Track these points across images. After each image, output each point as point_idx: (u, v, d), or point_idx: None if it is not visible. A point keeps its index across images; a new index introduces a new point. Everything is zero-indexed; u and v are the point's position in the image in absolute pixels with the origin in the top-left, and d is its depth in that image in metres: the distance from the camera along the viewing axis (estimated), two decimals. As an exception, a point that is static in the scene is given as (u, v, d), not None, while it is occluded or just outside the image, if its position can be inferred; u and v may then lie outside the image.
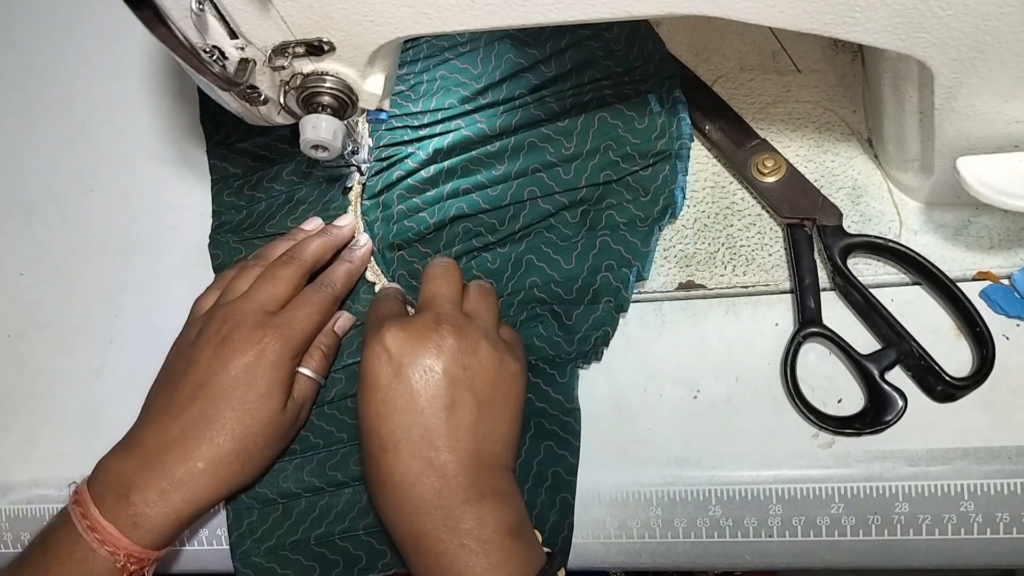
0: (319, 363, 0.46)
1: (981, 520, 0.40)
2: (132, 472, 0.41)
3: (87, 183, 0.57)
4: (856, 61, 0.49)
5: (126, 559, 0.39)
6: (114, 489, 0.40)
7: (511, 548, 0.37)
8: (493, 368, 0.40)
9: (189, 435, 0.41)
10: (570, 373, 0.44)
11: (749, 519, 0.42)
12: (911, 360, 0.42)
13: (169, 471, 0.40)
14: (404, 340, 0.39)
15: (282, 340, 0.42)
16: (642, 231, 0.45)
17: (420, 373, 0.39)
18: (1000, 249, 0.44)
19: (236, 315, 0.43)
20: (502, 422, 0.40)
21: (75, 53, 0.62)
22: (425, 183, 0.49)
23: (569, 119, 0.48)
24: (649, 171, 0.46)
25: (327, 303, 0.45)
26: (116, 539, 0.39)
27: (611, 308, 0.45)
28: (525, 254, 0.47)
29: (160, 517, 0.40)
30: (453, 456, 0.38)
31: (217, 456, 0.41)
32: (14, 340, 0.54)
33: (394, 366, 0.39)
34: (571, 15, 0.35)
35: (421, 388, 0.38)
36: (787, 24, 0.34)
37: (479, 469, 0.39)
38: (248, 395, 0.41)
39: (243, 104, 0.42)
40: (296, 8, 0.36)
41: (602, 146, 0.47)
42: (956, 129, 0.38)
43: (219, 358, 0.42)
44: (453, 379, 0.39)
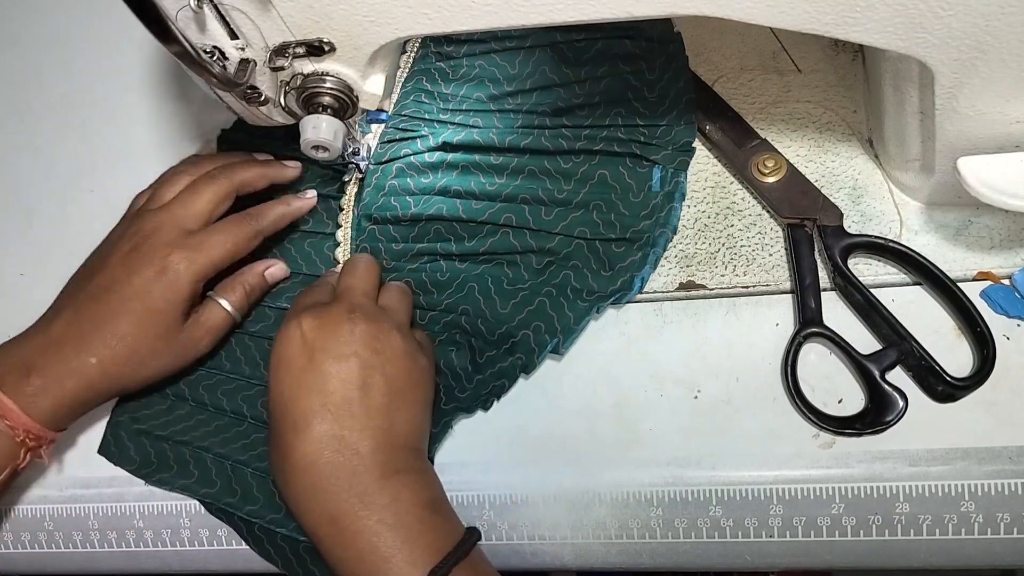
0: (239, 299, 0.46)
1: (982, 520, 0.40)
2: (34, 355, 0.43)
3: (87, 183, 0.57)
4: (857, 61, 0.49)
5: (25, 434, 0.42)
6: (16, 370, 0.42)
7: (429, 521, 0.38)
8: (405, 357, 0.41)
9: (87, 331, 0.43)
10: (442, 426, 0.45)
11: (750, 519, 0.42)
12: (912, 360, 0.42)
13: (66, 359, 0.42)
14: (318, 327, 0.40)
15: (187, 262, 0.43)
16: (583, 306, 0.45)
17: (333, 356, 0.39)
18: (1001, 249, 0.44)
19: (151, 225, 0.44)
20: (413, 404, 0.41)
21: (75, 53, 0.62)
22: (425, 166, 0.49)
23: (574, 163, 0.48)
24: (623, 248, 0.46)
25: (245, 235, 0.45)
26: (16, 415, 0.41)
27: (518, 365, 0.45)
28: (472, 280, 0.47)
29: (55, 400, 0.42)
30: (366, 435, 0.39)
31: (108, 356, 0.43)
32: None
33: (307, 351, 0.40)
34: (571, 15, 0.35)
35: (334, 371, 0.39)
36: (787, 24, 0.34)
37: (392, 448, 0.39)
38: (143, 307, 0.43)
39: (243, 104, 0.42)
40: (296, 8, 0.36)
41: (592, 203, 0.47)
42: (957, 129, 0.38)
43: (125, 265, 0.43)
44: (365, 363, 0.39)
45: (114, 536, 0.48)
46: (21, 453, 0.42)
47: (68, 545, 0.48)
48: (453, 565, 0.37)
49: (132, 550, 0.48)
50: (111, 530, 0.48)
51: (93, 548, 0.48)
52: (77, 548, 0.48)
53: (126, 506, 0.48)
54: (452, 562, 0.37)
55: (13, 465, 0.42)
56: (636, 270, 0.45)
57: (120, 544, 0.48)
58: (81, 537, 0.48)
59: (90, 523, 0.48)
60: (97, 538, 0.48)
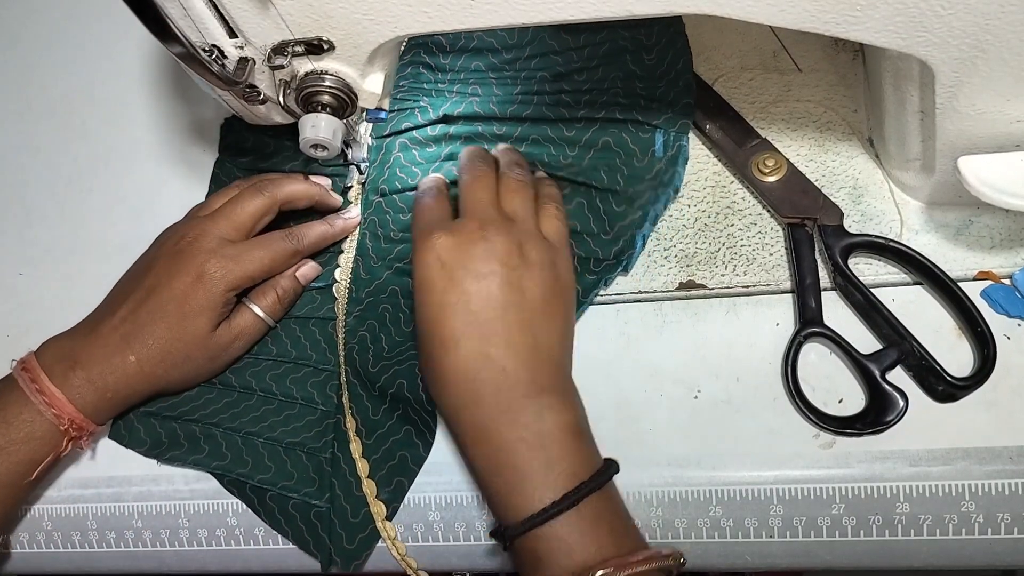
0: (271, 304, 0.47)
1: (982, 520, 0.40)
2: (79, 350, 0.44)
3: (87, 183, 0.57)
4: (857, 60, 0.49)
5: (69, 423, 0.44)
6: (63, 361, 0.44)
7: (570, 446, 0.38)
8: (540, 268, 0.41)
9: (129, 330, 0.44)
10: None
11: (750, 519, 0.42)
12: (912, 360, 0.42)
13: (109, 355, 0.44)
14: (455, 246, 0.40)
15: (223, 271, 0.44)
16: (590, 280, 0.46)
17: (473, 276, 0.40)
18: (1001, 249, 0.44)
19: (195, 232, 0.46)
20: (555, 317, 0.41)
21: (75, 53, 0.62)
22: (428, 140, 0.50)
23: (576, 130, 0.48)
24: (622, 208, 0.46)
25: (285, 253, 0.47)
26: (62, 404, 0.43)
27: None
28: None
29: (98, 393, 0.44)
30: (510, 351, 0.39)
31: (146, 355, 0.44)
32: (13, 340, 0.54)
33: (447, 271, 0.40)
34: (571, 14, 0.35)
35: (474, 290, 0.39)
36: (788, 23, 0.34)
37: (537, 363, 0.39)
38: (179, 312, 0.44)
39: (242, 103, 0.42)
40: (295, 7, 0.36)
41: (596, 167, 0.47)
42: (957, 128, 0.38)
43: (168, 270, 0.45)
44: (504, 280, 0.40)
45: (113, 536, 0.48)
46: (64, 442, 0.44)
47: (67, 545, 0.48)
48: (587, 494, 0.37)
49: (131, 550, 0.47)
50: (110, 530, 0.48)
51: (92, 548, 0.48)
52: (76, 548, 0.48)
53: (125, 506, 0.48)
54: (586, 491, 0.37)
55: (56, 452, 0.44)
56: (637, 228, 0.46)
57: (119, 544, 0.48)
58: (80, 537, 0.48)
59: (89, 523, 0.48)
60: (96, 538, 0.48)
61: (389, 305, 0.47)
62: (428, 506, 0.44)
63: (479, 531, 0.44)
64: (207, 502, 0.47)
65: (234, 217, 0.46)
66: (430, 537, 0.44)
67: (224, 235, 0.45)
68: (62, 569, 0.49)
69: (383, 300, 0.47)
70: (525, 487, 0.37)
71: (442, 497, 0.44)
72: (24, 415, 0.43)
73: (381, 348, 0.47)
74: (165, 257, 0.45)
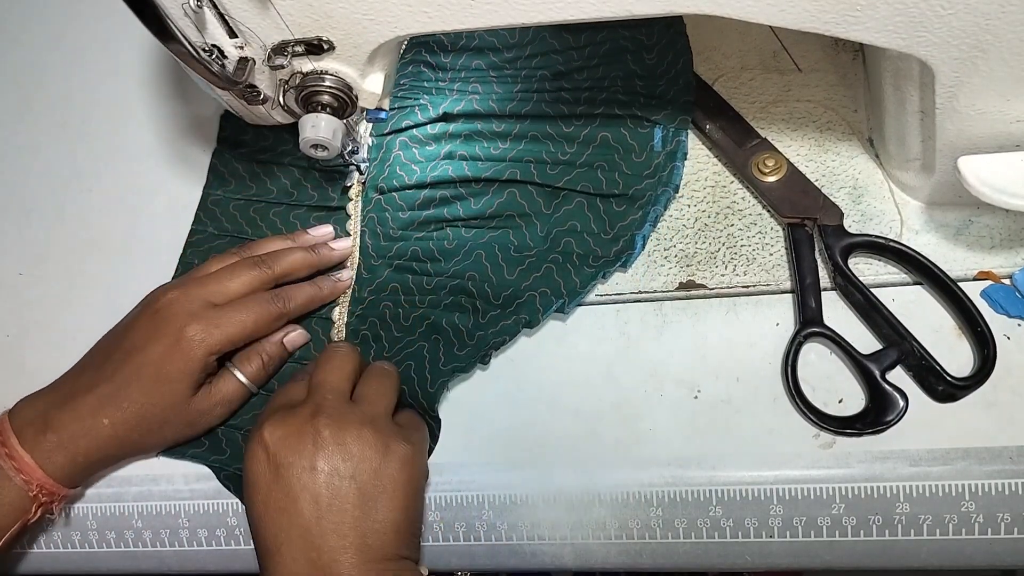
0: (256, 371, 0.46)
1: (982, 520, 0.40)
2: (52, 412, 0.43)
3: (86, 183, 0.57)
4: (857, 60, 0.49)
5: (39, 489, 0.42)
6: (34, 424, 0.43)
7: None
8: (377, 456, 0.39)
9: (104, 393, 0.43)
10: (438, 387, 0.45)
11: (750, 519, 0.42)
12: (912, 360, 0.42)
13: (81, 419, 0.43)
14: (281, 438, 0.39)
15: (202, 335, 0.43)
16: (588, 272, 0.46)
17: (297, 472, 0.38)
18: (1001, 249, 0.44)
19: (178, 293, 0.44)
20: (391, 511, 0.38)
21: (75, 53, 0.62)
22: (428, 138, 0.50)
23: (575, 126, 0.48)
24: (623, 208, 0.46)
25: (270, 316, 0.45)
26: (32, 469, 0.42)
27: (522, 322, 0.45)
28: (479, 247, 0.47)
29: (70, 457, 0.43)
30: (336, 555, 0.37)
31: (119, 419, 0.43)
32: (13, 340, 0.54)
33: (272, 466, 0.38)
34: (571, 14, 0.35)
35: (299, 488, 0.38)
36: (788, 23, 0.34)
37: (367, 565, 0.37)
38: (156, 376, 0.43)
39: (242, 103, 0.42)
40: (295, 7, 0.36)
41: (595, 163, 0.47)
42: (957, 128, 0.38)
43: (146, 332, 0.43)
44: (331, 473, 0.38)
45: (113, 536, 0.48)
46: (33, 508, 0.42)
47: (66, 545, 0.48)
48: None
49: (131, 550, 0.47)
50: (110, 530, 0.48)
51: (91, 548, 0.48)
52: (75, 548, 0.48)
53: (125, 506, 0.47)
54: None
55: (24, 519, 0.42)
56: (636, 229, 0.46)
57: (119, 544, 0.48)
58: (79, 537, 0.48)
59: (88, 523, 0.48)
60: (96, 538, 0.48)
61: (390, 303, 0.47)
62: (428, 506, 0.44)
63: (479, 531, 0.44)
64: (207, 502, 0.47)
65: (225, 285, 0.45)
66: (430, 537, 0.44)
67: (209, 299, 0.44)
68: (62, 569, 0.49)
69: (384, 298, 0.48)
70: None
71: (442, 497, 0.44)
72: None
73: (383, 347, 0.47)
74: (146, 318, 0.44)
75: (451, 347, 0.46)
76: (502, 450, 0.45)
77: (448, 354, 0.45)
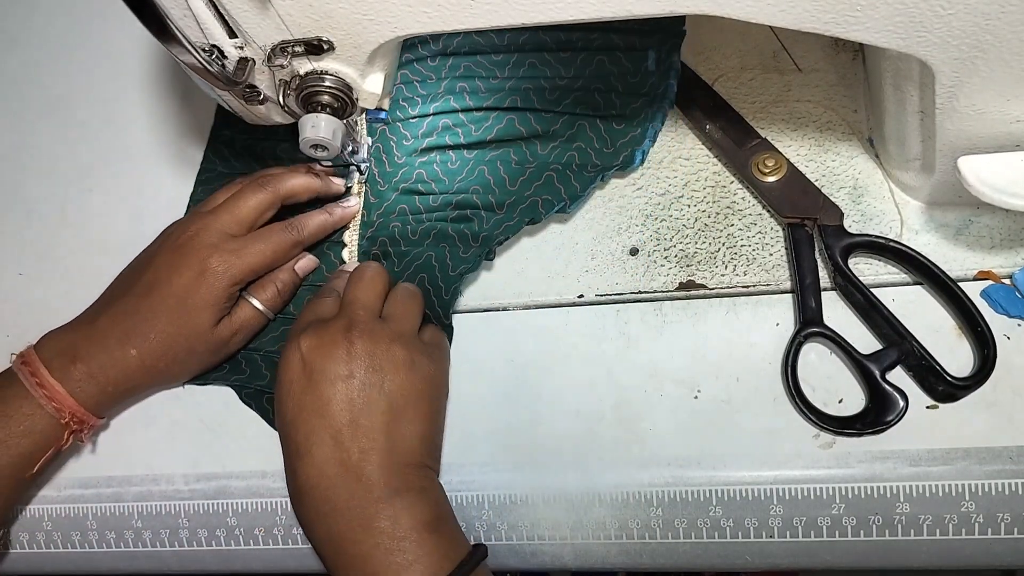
0: (271, 297, 0.47)
1: (982, 520, 0.40)
2: (80, 343, 0.44)
3: (87, 183, 0.57)
4: (857, 60, 0.49)
5: (70, 416, 0.44)
6: (63, 355, 0.44)
7: (428, 543, 0.38)
8: (404, 369, 0.41)
9: (130, 325, 0.44)
10: (452, 293, 0.47)
11: (750, 519, 0.42)
12: (912, 360, 0.42)
13: (109, 349, 0.44)
14: (316, 347, 0.40)
15: (225, 265, 0.44)
16: (588, 176, 0.48)
17: (331, 378, 0.40)
18: (1001, 249, 0.44)
19: (196, 227, 0.45)
20: (416, 421, 0.41)
21: (75, 53, 0.62)
22: (429, 71, 0.51)
23: (572, 53, 0.50)
24: (623, 125, 0.48)
25: (286, 244, 0.47)
26: (63, 397, 0.43)
27: (524, 220, 0.48)
28: (482, 164, 0.49)
29: (99, 387, 0.44)
30: (366, 456, 0.39)
31: (147, 349, 0.44)
32: (13, 340, 0.54)
33: (307, 372, 0.40)
34: (571, 14, 0.35)
35: (332, 393, 0.39)
36: (788, 23, 0.34)
37: (393, 467, 0.39)
38: (181, 306, 0.44)
39: (242, 103, 0.42)
40: (295, 7, 0.36)
41: (592, 87, 0.49)
42: (957, 128, 0.38)
43: (169, 265, 0.45)
44: (363, 382, 0.40)
45: (113, 536, 0.48)
46: (65, 435, 0.44)
47: (66, 545, 0.48)
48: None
49: (130, 550, 0.47)
50: (110, 530, 0.48)
51: (91, 548, 0.48)
52: (75, 548, 0.48)
53: (124, 506, 0.47)
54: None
55: (57, 445, 0.44)
56: (636, 144, 0.48)
57: (118, 544, 0.48)
58: (79, 537, 0.48)
59: (88, 523, 0.48)
60: (95, 538, 0.48)
61: (398, 223, 0.49)
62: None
63: (479, 531, 0.44)
64: (207, 502, 0.47)
65: (236, 212, 0.46)
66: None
67: (226, 229, 0.45)
68: (62, 569, 0.49)
69: (392, 219, 0.49)
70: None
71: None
72: (24, 409, 0.43)
73: (393, 263, 0.48)
74: (167, 252, 0.45)
75: (457, 251, 0.48)
76: (502, 450, 0.45)
77: (455, 258, 0.47)
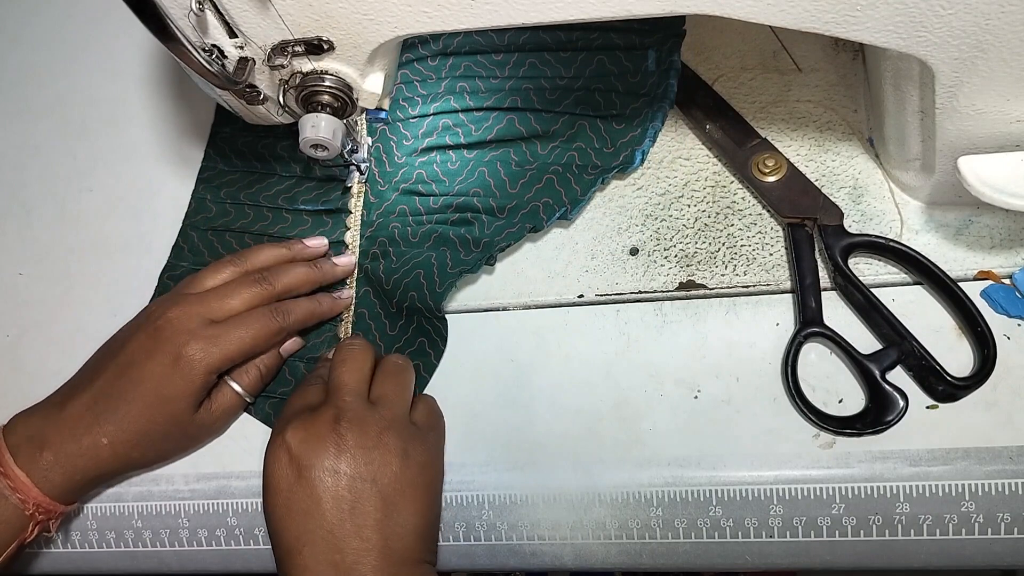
0: (252, 382, 0.46)
1: (982, 520, 0.40)
2: (48, 430, 0.42)
3: (86, 183, 0.57)
4: (857, 60, 0.49)
5: (35, 508, 0.41)
6: (31, 443, 0.42)
7: None
8: (397, 461, 0.39)
9: (101, 410, 0.42)
10: (446, 287, 0.47)
11: (750, 519, 0.42)
12: (912, 360, 0.42)
13: (78, 437, 0.42)
14: (303, 440, 0.39)
15: (202, 353, 0.42)
16: (588, 179, 0.48)
17: (320, 474, 0.38)
18: (1001, 249, 0.44)
19: (177, 311, 0.43)
20: (412, 515, 0.39)
21: (75, 53, 0.62)
22: (429, 71, 0.52)
23: (572, 53, 0.50)
24: (623, 125, 0.48)
25: (269, 332, 0.44)
26: (28, 488, 0.41)
27: (526, 228, 0.48)
28: (482, 164, 0.49)
29: (66, 476, 0.42)
30: (360, 558, 0.37)
31: (119, 437, 0.42)
32: (13, 340, 0.54)
33: (295, 468, 0.39)
34: (571, 14, 0.35)
35: (322, 490, 0.38)
36: (788, 23, 0.34)
37: (389, 568, 0.37)
38: (158, 393, 0.42)
39: (242, 103, 0.42)
40: (295, 7, 0.36)
41: (592, 87, 0.49)
42: (957, 128, 0.38)
43: (144, 348, 0.43)
44: (355, 476, 0.38)
45: (113, 536, 0.48)
46: (30, 527, 0.42)
47: (66, 545, 0.48)
48: None
49: (130, 550, 0.47)
50: (110, 530, 0.48)
51: (91, 548, 0.48)
52: (75, 548, 0.48)
53: (124, 506, 0.47)
54: None
55: (21, 538, 0.42)
56: (636, 144, 0.49)
57: (118, 544, 0.48)
58: (79, 537, 0.48)
59: (88, 523, 0.48)
60: (95, 538, 0.48)
61: (398, 223, 0.49)
62: (428, 506, 0.44)
63: (479, 531, 0.44)
64: (207, 502, 0.47)
65: (224, 305, 0.44)
66: (430, 537, 0.44)
67: (208, 316, 0.43)
68: (62, 569, 0.49)
69: (392, 220, 0.49)
70: None
71: (442, 497, 0.44)
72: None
73: (391, 262, 0.48)
74: (143, 334, 0.43)
75: (458, 254, 0.48)
76: (502, 450, 0.45)
77: (455, 260, 0.47)
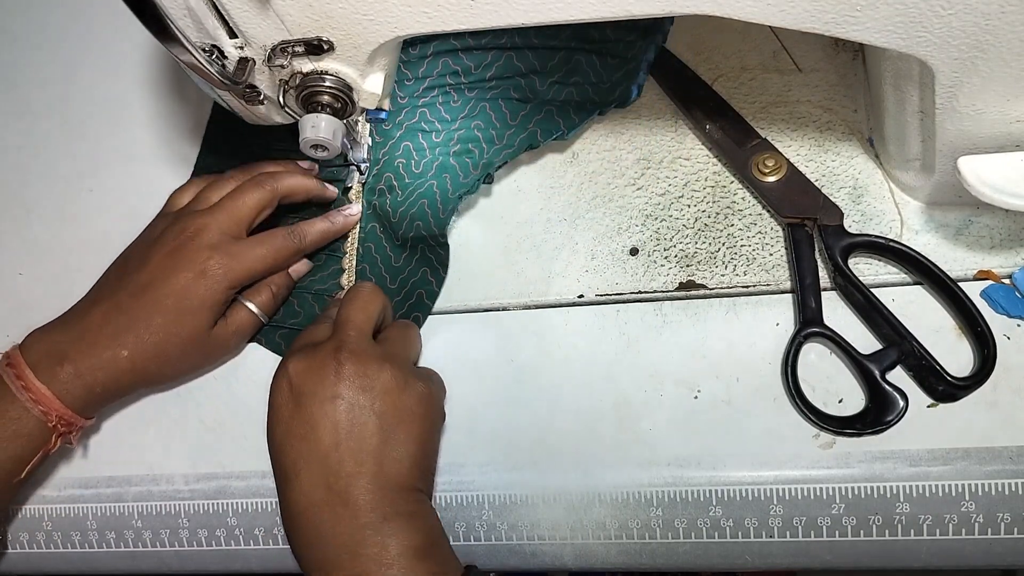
0: (266, 301, 0.48)
1: (982, 520, 0.40)
2: (67, 344, 0.43)
3: (86, 183, 0.57)
4: (857, 60, 0.49)
5: (57, 420, 0.43)
6: (50, 356, 0.43)
7: (417, 570, 0.37)
8: (396, 389, 0.40)
9: (122, 325, 0.43)
10: (448, 212, 0.48)
11: (750, 519, 0.42)
12: (912, 360, 0.42)
13: (99, 350, 0.43)
14: (304, 370, 0.40)
15: (224, 269, 0.44)
16: (585, 112, 0.50)
17: (318, 401, 0.39)
18: (1001, 249, 0.44)
19: (195, 227, 0.45)
20: (407, 443, 0.39)
21: (75, 53, 0.62)
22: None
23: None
24: (616, 61, 0.50)
25: (287, 251, 0.46)
26: (49, 400, 0.42)
27: (523, 146, 0.49)
28: (484, 100, 0.50)
29: (87, 388, 0.43)
30: (353, 480, 0.38)
31: (139, 350, 0.43)
32: (12, 340, 0.54)
33: (294, 395, 0.39)
34: (571, 14, 0.35)
35: (320, 416, 0.38)
36: (788, 23, 0.34)
37: (383, 491, 0.38)
38: (178, 307, 0.43)
39: (242, 103, 0.42)
40: (295, 7, 0.36)
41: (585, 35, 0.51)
42: (957, 128, 0.38)
43: (165, 266, 0.44)
44: (352, 404, 0.39)
45: (113, 536, 0.48)
46: (52, 438, 0.43)
47: (67, 545, 0.48)
48: None
49: (131, 550, 0.47)
50: (110, 530, 0.48)
51: (92, 548, 0.48)
52: (75, 548, 0.48)
53: (125, 506, 0.47)
54: None
55: (44, 449, 0.43)
56: (631, 79, 0.50)
57: (119, 544, 0.48)
58: (80, 537, 0.48)
59: (88, 523, 0.48)
60: (96, 538, 0.48)
61: (403, 159, 0.50)
62: (428, 506, 0.44)
63: (479, 531, 0.44)
64: (207, 502, 0.47)
65: (235, 212, 0.45)
66: (430, 537, 0.44)
67: (225, 230, 0.45)
68: (62, 569, 0.49)
69: (397, 156, 0.50)
70: None
71: (442, 497, 0.44)
72: (11, 412, 0.42)
73: (397, 195, 0.50)
74: (163, 251, 0.44)
75: (458, 178, 0.49)
76: (502, 450, 0.45)
77: (455, 184, 0.49)
